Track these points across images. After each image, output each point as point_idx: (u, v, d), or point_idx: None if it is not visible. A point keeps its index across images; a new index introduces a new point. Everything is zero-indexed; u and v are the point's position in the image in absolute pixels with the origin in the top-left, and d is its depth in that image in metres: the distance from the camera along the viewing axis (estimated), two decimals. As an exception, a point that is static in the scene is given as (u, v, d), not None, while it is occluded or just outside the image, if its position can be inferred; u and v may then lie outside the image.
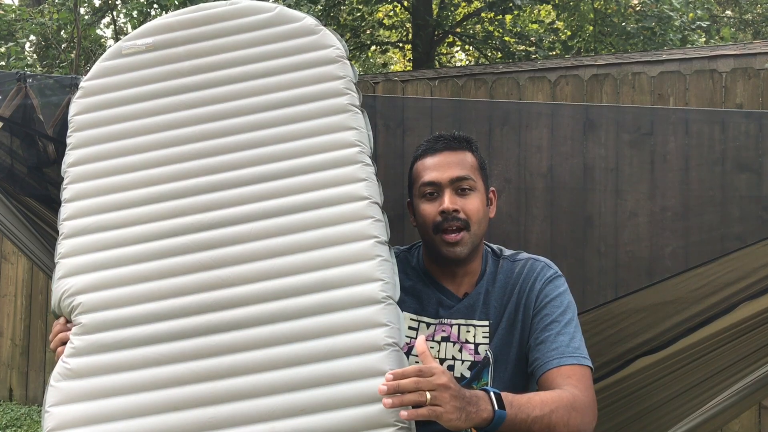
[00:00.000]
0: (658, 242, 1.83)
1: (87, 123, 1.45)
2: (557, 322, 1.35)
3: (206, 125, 1.40)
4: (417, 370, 1.12)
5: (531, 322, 1.39)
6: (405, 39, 10.80)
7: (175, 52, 1.47)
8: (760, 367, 1.57)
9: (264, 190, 1.33)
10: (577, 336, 1.35)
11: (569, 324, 1.36)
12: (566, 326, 1.35)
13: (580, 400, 1.25)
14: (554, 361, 1.31)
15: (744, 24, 11.05)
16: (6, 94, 1.86)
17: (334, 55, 1.42)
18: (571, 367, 1.29)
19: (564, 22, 9.73)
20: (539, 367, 1.33)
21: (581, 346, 1.34)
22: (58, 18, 6.24)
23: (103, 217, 1.36)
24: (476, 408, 1.14)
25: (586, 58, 6.03)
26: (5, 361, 4.52)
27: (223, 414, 1.17)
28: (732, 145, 1.79)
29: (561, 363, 1.30)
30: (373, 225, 1.28)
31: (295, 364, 1.19)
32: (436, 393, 1.10)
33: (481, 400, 1.16)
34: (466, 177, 1.39)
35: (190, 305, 1.26)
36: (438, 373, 1.12)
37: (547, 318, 1.37)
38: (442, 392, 1.10)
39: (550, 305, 1.38)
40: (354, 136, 1.35)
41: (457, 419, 1.11)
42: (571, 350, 1.31)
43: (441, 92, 3.49)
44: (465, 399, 1.13)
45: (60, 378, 1.25)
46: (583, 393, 1.27)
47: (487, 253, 1.48)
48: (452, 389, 1.12)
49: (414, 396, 1.10)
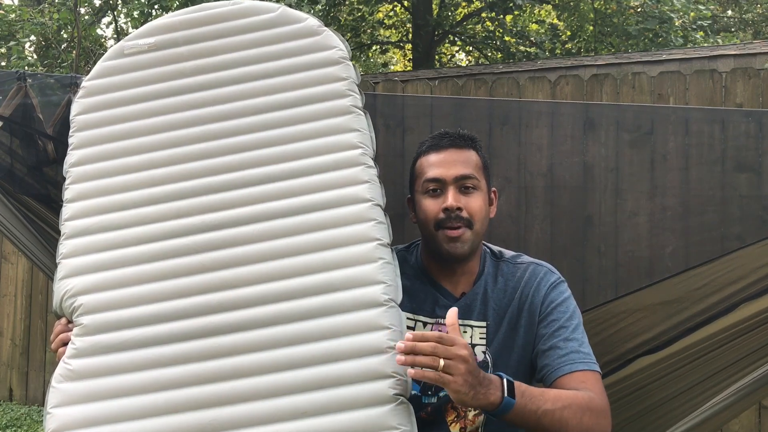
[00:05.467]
0: (658, 242, 1.83)
1: (89, 123, 1.45)
2: (565, 328, 1.35)
3: (208, 126, 1.40)
4: (438, 336, 1.11)
5: (537, 328, 1.38)
6: (405, 39, 10.80)
7: (178, 52, 1.47)
8: (760, 367, 1.57)
9: (266, 192, 1.32)
10: (585, 341, 1.35)
11: (576, 329, 1.35)
12: (574, 332, 1.35)
13: (596, 403, 1.24)
14: (566, 366, 1.30)
15: (744, 24, 11.04)
16: (6, 94, 1.86)
17: (337, 56, 1.42)
18: (583, 372, 1.29)
19: (564, 23, 9.73)
20: (550, 374, 1.32)
21: (590, 352, 1.34)
22: (58, 18, 6.24)
23: (106, 218, 1.35)
24: (486, 390, 1.13)
25: (586, 58, 6.03)
26: (5, 361, 4.51)
27: (225, 416, 1.17)
28: (732, 145, 1.79)
29: (573, 369, 1.29)
30: (376, 227, 1.27)
31: (297, 367, 1.19)
32: (452, 362, 1.09)
33: (493, 383, 1.15)
34: (470, 176, 1.39)
35: (192, 307, 1.25)
36: (459, 345, 1.12)
37: (555, 324, 1.36)
38: (458, 363, 1.10)
39: (557, 311, 1.37)
40: (356, 138, 1.35)
41: (465, 394, 1.11)
42: (581, 356, 1.31)
43: (441, 92, 3.49)
44: (478, 378, 1.13)
45: (62, 379, 1.24)
46: (599, 396, 1.26)
47: (486, 254, 1.48)
48: (469, 364, 1.11)
49: (428, 359, 1.09)
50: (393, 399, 1.14)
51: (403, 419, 1.14)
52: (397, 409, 1.14)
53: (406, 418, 1.14)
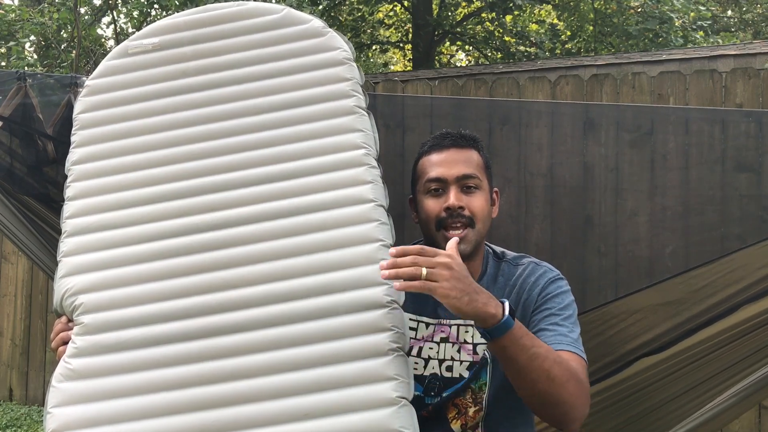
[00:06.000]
0: (658, 242, 1.83)
1: (92, 121, 1.45)
2: (557, 316, 1.34)
3: (212, 125, 1.40)
4: (419, 248, 1.13)
5: (531, 319, 1.37)
6: (405, 39, 10.81)
7: (182, 52, 1.46)
8: (761, 368, 1.57)
9: (269, 192, 1.32)
10: (576, 330, 1.34)
11: (568, 319, 1.35)
12: (566, 320, 1.34)
13: (582, 377, 1.23)
14: (554, 346, 1.28)
15: (744, 24, 11.04)
16: (6, 94, 1.86)
17: (341, 57, 1.42)
18: (569, 353, 1.27)
19: (564, 23, 9.74)
20: None
21: (579, 340, 1.33)
22: (58, 18, 6.23)
23: (107, 216, 1.35)
24: (485, 300, 1.14)
25: (586, 58, 6.03)
26: (5, 361, 4.52)
27: (226, 418, 1.17)
28: (732, 145, 1.79)
29: (560, 348, 1.28)
30: (379, 228, 1.27)
31: (298, 368, 1.18)
32: (435, 270, 1.11)
33: (492, 299, 1.16)
34: (472, 175, 1.39)
35: (193, 307, 1.25)
36: (441, 255, 1.13)
37: (547, 311, 1.36)
38: (441, 270, 1.11)
39: (552, 301, 1.37)
40: (360, 139, 1.35)
41: (455, 298, 1.11)
42: (570, 340, 1.30)
43: (441, 92, 3.49)
44: (471, 286, 1.13)
45: (62, 379, 1.24)
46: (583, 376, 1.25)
47: (488, 254, 1.48)
48: (454, 270, 1.12)
49: (410, 269, 1.11)
50: (395, 401, 1.14)
51: (406, 421, 1.14)
52: (399, 411, 1.14)
53: (408, 421, 1.14)
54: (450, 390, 1.39)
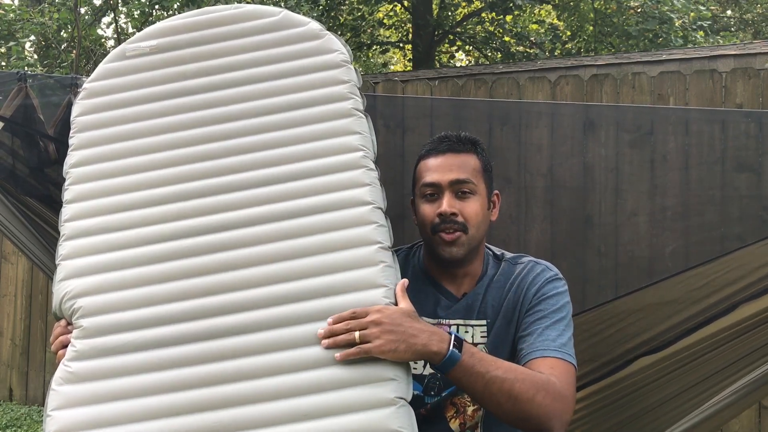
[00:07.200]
0: (658, 242, 1.83)
1: (90, 124, 1.45)
2: (548, 318, 1.35)
3: (210, 128, 1.40)
4: (350, 312, 1.16)
5: (522, 320, 1.38)
6: (405, 39, 10.81)
7: (180, 54, 1.46)
8: (760, 367, 1.57)
9: (267, 194, 1.32)
10: (566, 334, 1.34)
11: (560, 321, 1.34)
12: (557, 323, 1.34)
13: (554, 386, 1.22)
14: (538, 352, 1.29)
15: (744, 24, 11.04)
16: (6, 94, 1.86)
17: (339, 59, 1.42)
18: (555, 359, 1.28)
19: (564, 23, 9.74)
20: (523, 357, 1.31)
21: (568, 344, 1.32)
22: (58, 18, 6.23)
23: (106, 219, 1.35)
24: (424, 341, 1.15)
25: (586, 58, 6.03)
26: (5, 361, 4.52)
27: (225, 419, 1.17)
28: (732, 145, 1.80)
29: (545, 354, 1.28)
30: (377, 230, 1.27)
31: (298, 370, 1.18)
32: (366, 331, 1.14)
33: (435, 334, 1.17)
34: (466, 180, 1.39)
35: (193, 309, 1.25)
36: (372, 312, 1.15)
37: (539, 313, 1.36)
38: (372, 329, 1.14)
39: (545, 302, 1.37)
40: (358, 141, 1.35)
41: (391, 351, 1.13)
42: (557, 345, 1.30)
43: (441, 92, 3.49)
44: (404, 332, 1.15)
45: (62, 382, 1.23)
46: (562, 383, 1.24)
47: (488, 256, 1.48)
48: (384, 324, 1.14)
49: (345, 337, 1.14)
50: (394, 402, 1.14)
51: (404, 422, 1.14)
52: (398, 411, 1.14)
53: (407, 421, 1.14)
54: (449, 389, 1.39)
